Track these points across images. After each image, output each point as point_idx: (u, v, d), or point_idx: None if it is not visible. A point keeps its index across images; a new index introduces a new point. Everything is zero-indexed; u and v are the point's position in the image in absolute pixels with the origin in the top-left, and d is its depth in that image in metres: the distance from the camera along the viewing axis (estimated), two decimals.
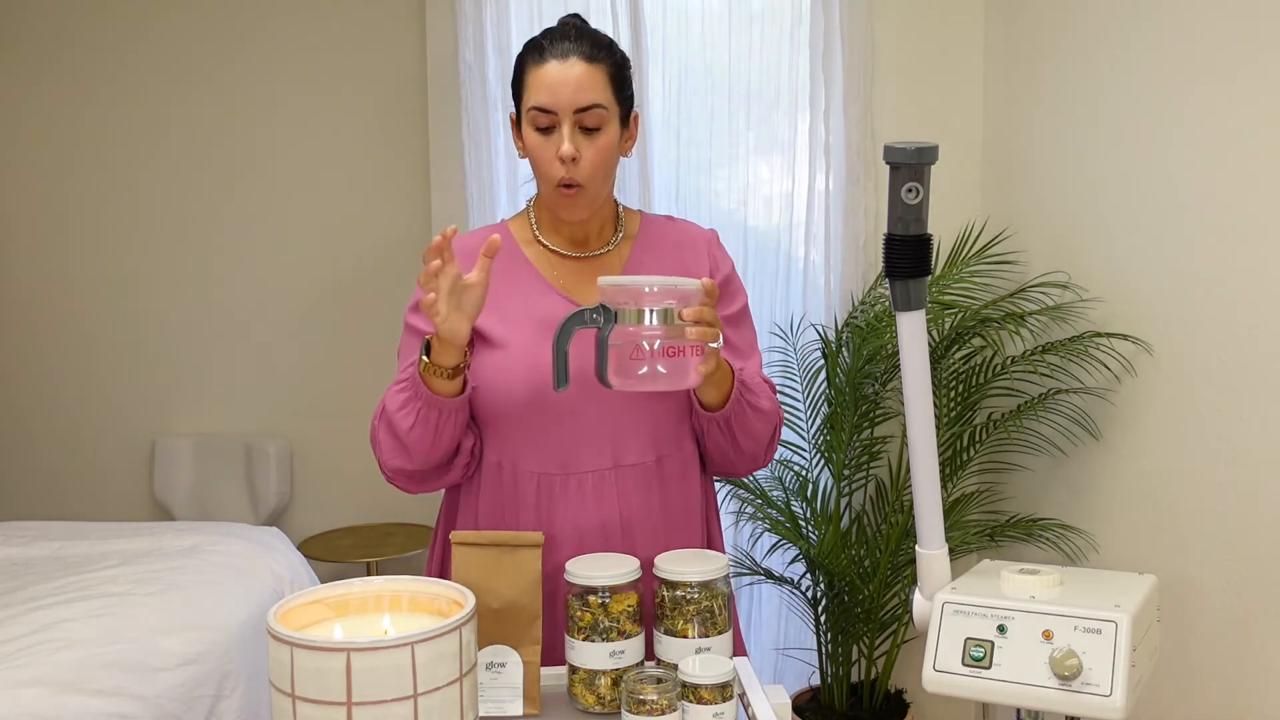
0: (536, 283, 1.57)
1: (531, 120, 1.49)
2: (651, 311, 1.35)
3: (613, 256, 1.61)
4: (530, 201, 1.65)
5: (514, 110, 1.57)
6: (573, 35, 1.51)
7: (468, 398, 1.48)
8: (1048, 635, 1.49)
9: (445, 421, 1.46)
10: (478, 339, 1.53)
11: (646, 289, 1.35)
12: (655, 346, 1.35)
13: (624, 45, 2.86)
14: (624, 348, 1.36)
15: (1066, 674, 1.44)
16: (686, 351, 1.37)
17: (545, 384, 1.48)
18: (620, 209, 1.65)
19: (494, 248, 1.39)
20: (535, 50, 1.51)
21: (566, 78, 1.47)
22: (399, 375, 1.50)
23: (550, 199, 1.54)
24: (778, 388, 1.72)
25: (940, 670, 1.54)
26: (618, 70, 1.52)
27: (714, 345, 1.39)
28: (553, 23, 1.58)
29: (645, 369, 1.36)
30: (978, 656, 1.52)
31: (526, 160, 1.56)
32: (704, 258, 1.63)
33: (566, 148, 1.47)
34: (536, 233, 1.62)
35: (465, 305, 1.40)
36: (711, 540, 1.67)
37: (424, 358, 1.44)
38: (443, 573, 1.62)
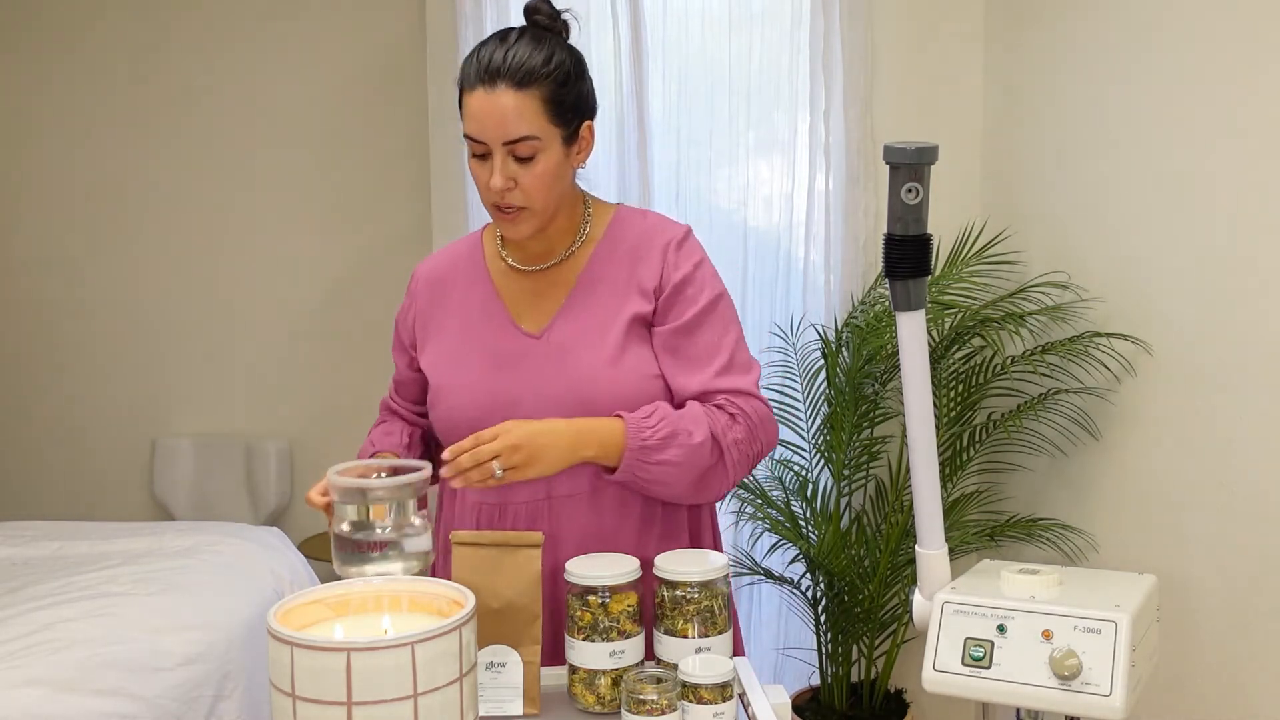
0: (491, 308, 1.57)
1: (469, 146, 1.47)
2: (348, 507, 1.31)
3: (567, 267, 1.56)
4: None
5: None
6: (512, 43, 1.44)
7: None
8: (1047, 635, 1.49)
9: None
10: (431, 365, 1.58)
11: (342, 485, 1.31)
12: (351, 542, 1.31)
13: (624, 45, 2.86)
14: (336, 540, 1.33)
15: (1066, 674, 1.44)
16: (371, 547, 1.32)
17: (485, 419, 1.45)
18: (588, 209, 1.59)
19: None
20: (469, 66, 1.45)
21: (493, 110, 1.42)
22: (364, 447, 1.65)
23: (493, 219, 1.52)
24: (769, 392, 1.65)
25: (940, 670, 1.54)
26: (555, 90, 1.44)
27: (497, 474, 1.37)
28: None
29: (342, 564, 1.33)
30: (977, 656, 1.52)
31: None
32: (656, 266, 1.53)
33: (496, 180, 1.43)
34: (500, 246, 1.60)
35: None
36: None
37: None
38: (436, 575, 1.62)
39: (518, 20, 2.85)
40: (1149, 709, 2.09)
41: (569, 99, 1.46)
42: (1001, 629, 1.52)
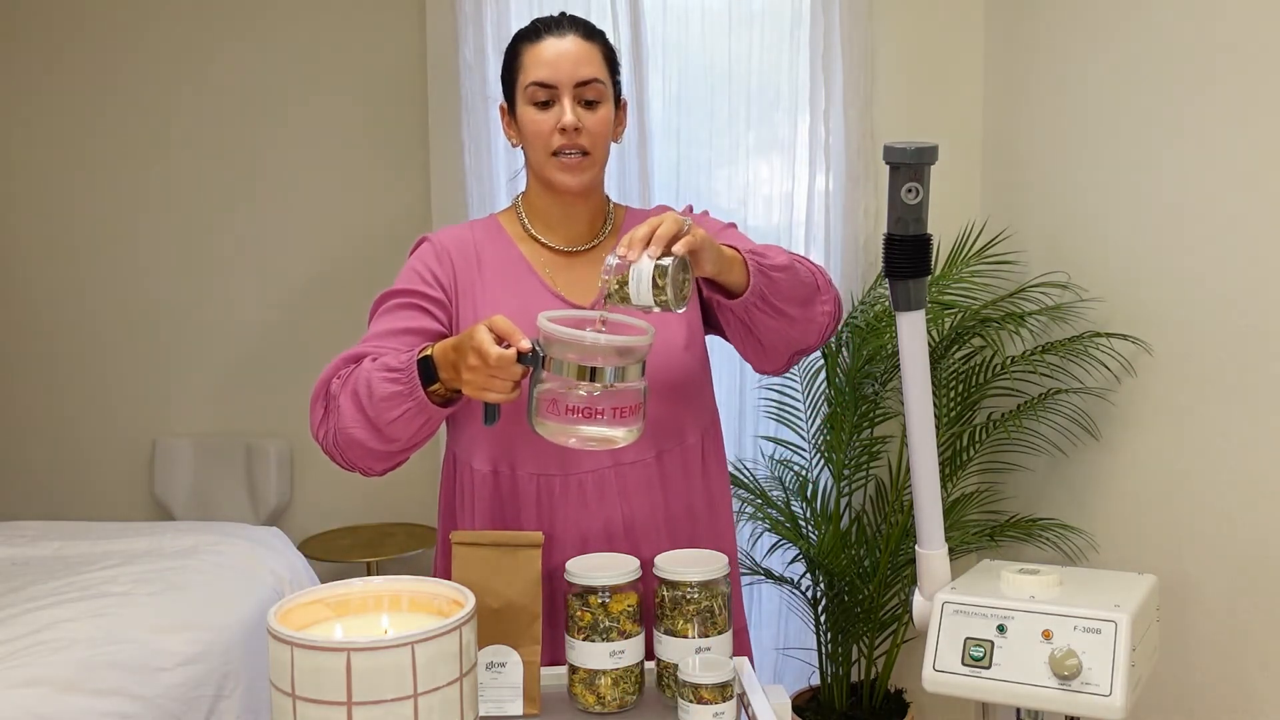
0: (532, 282, 1.56)
1: (530, 96, 1.50)
2: (588, 369, 1.24)
3: (602, 250, 1.60)
4: (518, 199, 1.64)
5: (504, 101, 1.59)
6: (565, 19, 1.55)
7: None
8: (1047, 635, 1.49)
9: (431, 423, 1.42)
10: None
11: (589, 342, 1.25)
12: (589, 405, 1.25)
13: (624, 45, 2.87)
14: (555, 398, 1.26)
15: (1066, 674, 1.45)
16: (622, 413, 1.27)
17: None
18: (609, 203, 1.66)
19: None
20: (530, 33, 1.54)
21: (565, 52, 1.50)
22: (389, 363, 1.40)
23: (547, 171, 1.52)
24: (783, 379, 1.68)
25: (940, 670, 1.54)
26: (610, 52, 1.57)
27: (664, 262, 1.28)
28: None
29: (577, 427, 1.26)
30: (977, 656, 1.52)
31: (520, 153, 1.58)
32: None
33: (569, 117, 1.48)
34: (529, 227, 1.60)
35: None
36: (720, 536, 1.63)
37: (432, 377, 1.37)
38: (436, 575, 1.61)
39: (517, 10, 2.90)
40: (1149, 709, 2.09)
41: (617, 64, 1.59)
42: (1001, 629, 1.52)
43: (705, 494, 1.61)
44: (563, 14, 1.57)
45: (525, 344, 1.27)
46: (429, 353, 1.38)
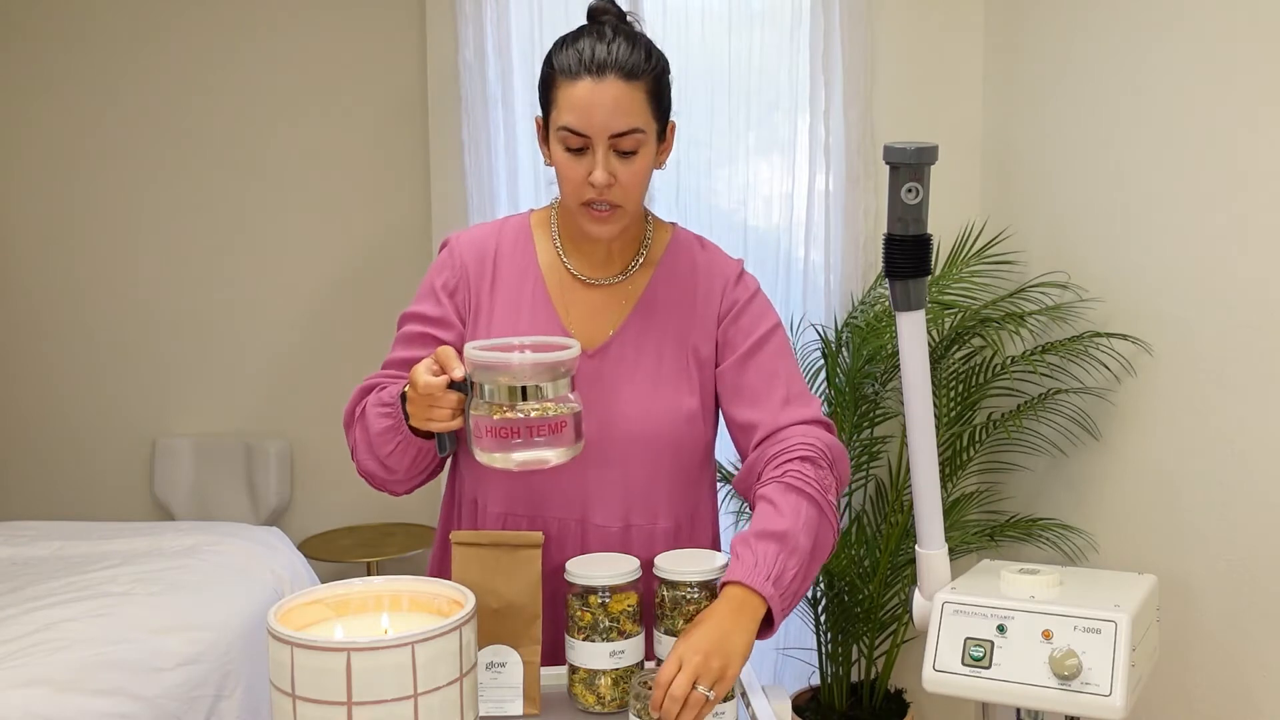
0: (542, 310, 1.49)
1: (562, 139, 1.37)
2: (518, 389, 1.25)
3: (627, 287, 1.50)
4: (555, 204, 1.53)
5: (540, 115, 1.44)
6: (610, 39, 1.36)
7: None
8: (1047, 635, 1.49)
9: (424, 454, 1.41)
10: None
11: (516, 364, 1.25)
12: (521, 425, 1.25)
13: None
14: (486, 422, 1.26)
15: (1066, 674, 1.45)
16: (553, 429, 1.26)
17: None
18: (650, 224, 1.53)
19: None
20: (568, 57, 1.36)
21: (602, 100, 1.34)
22: (383, 398, 1.41)
23: (576, 218, 1.42)
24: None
25: (940, 670, 1.54)
26: (657, 83, 1.39)
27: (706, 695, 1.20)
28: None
29: (511, 453, 1.27)
30: (977, 656, 1.52)
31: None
32: (716, 301, 1.50)
33: (600, 175, 1.35)
34: (558, 245, 1.52)
35: None
36: None
37: (408, 414, 1.35)
38: (441, 575, 1.61)
39: (518, 17, 2.89)
40: (1149, 709, 2.09)
41: (666, 89, 1.42)
42: (1001, 629, 1.52)
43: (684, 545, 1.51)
44: (605, 39, 1.36)
45: (458, 373, 1.27)
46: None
